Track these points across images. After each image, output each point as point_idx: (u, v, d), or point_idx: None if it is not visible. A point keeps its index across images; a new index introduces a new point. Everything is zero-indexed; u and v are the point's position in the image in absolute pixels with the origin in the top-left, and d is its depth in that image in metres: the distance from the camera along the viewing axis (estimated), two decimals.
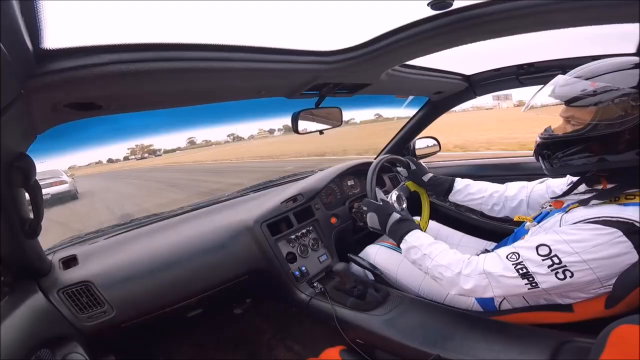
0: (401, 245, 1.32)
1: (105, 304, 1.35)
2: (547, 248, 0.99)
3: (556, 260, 0.97)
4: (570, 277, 0.97)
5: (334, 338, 1.45)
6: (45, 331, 1.17)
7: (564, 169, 1.13)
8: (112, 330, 1.36)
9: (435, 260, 1.19)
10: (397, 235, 1.34)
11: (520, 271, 1.02)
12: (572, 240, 0.96)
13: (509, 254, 1.06)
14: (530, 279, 1.01)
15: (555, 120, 1.14)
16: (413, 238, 1.29)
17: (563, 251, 0.97)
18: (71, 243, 1.67)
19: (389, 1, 1.04)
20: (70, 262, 1.47)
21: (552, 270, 0.98)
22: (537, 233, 1.17)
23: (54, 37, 0.72)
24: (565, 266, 0.96)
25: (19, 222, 1.04)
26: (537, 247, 1.01)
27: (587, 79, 1.03)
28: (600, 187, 1.12)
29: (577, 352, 0.95)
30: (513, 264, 1.03)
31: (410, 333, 1.24)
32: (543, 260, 0.99)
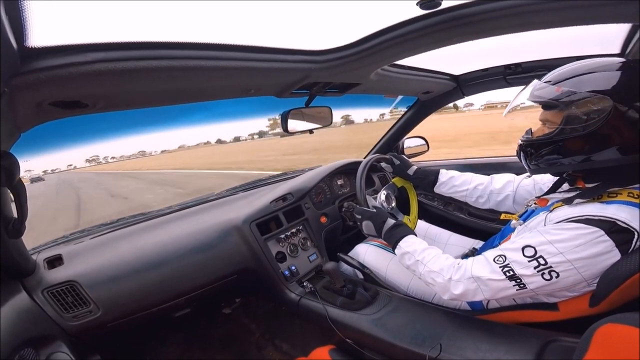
0: (395, 251, 1.35)
1: (90, 303, 1.34)
2: (533, 249, 1.01)
3: (542, 261, 0.99)
4: (556, 277, 0.98)
5: (323, 337, 1.45)
6: (29, 330, 1.15)
7: (541, 170, 1.17)
8: (98, 329, 1.35)
9: (428, 267, 1.21)
10: (392, 241, 1.37)
11: (507, 273, 1.04)
12: (556, 241, 0.98)
13: (496, 257, 1.08)
14: (518, 280, 1.03)
15: (537, 123, 1.18)
16: (406, 244, 1.32)
17: (548, 252, 0.98)
18: (56, 243, 1.65)
19: (379, 1, 1.04)
20: (55, 261, 1.45)
21: (538, 272, 0.99)
22: (522, 232, 1.19)
23: (39, 35, 0.70)
24: (551, 267, 0.98)
25: (2, 222, 1.02)
26: (522, 249, 1.03)
27: (554, 84, 1.06)
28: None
29: (562, 351, 0.97)
30: (500, 267, 1.05)
31: (398, 332, 1.24)
32: (529, 261, 1.00)
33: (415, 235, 1.37)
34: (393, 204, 1.77)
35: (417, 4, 1.01)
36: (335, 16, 1.11)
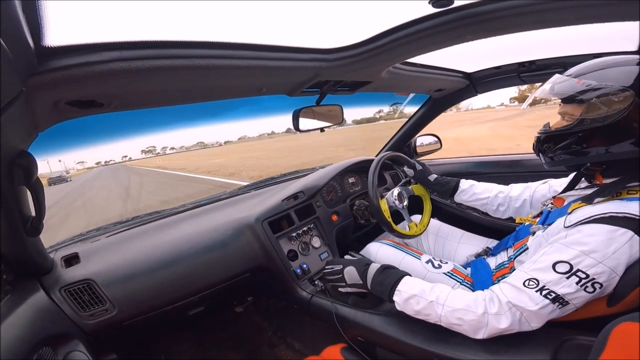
0: (395, 298, 1.20)
1: (107, 302, 1.35)
2: (567, 264, 0.95)
3: (582, 275, 0.93)
4: (600, 287, 0.94)
5: (335, 336, 1.45)
6: (47, 329, 1.16)
7: (556, 162, 1.16)
8: (114, 328, 1.36)
9: (448, 305, 1.09)
10: (386, 286, 1.23)
11: (549, 296, 0.97)
12: (590, 251, 0.93)
13: (526, 281, 1.01)
14: (561, 300, 0.96)
15: (555, 117, 1.17)
16: (408, 286, 1.19)
17: (586, 264, 0.93)
18: (73, 241, 1.67)
19: None
20: (72, 260, 1.47)
21: (581, 286, 0.94)
22: (541, 244, 1.13)
23: (55, 34, 0.71)
24: (594, 279, 0.93)
25: (21, 220, 1.04)
26: (553, 266, 0.97)
27: (575, 77, 1.06)
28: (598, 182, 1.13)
29: (578, 350, 0.95)
30: (537, 291, 0.98)
31: (410, 331, 1.23)
32: (567, 277, 0.95)
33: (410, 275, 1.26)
34: (405, 203, 1.77)
35: (429, 2, 1.00)
36: (346, 14, 1.11)
